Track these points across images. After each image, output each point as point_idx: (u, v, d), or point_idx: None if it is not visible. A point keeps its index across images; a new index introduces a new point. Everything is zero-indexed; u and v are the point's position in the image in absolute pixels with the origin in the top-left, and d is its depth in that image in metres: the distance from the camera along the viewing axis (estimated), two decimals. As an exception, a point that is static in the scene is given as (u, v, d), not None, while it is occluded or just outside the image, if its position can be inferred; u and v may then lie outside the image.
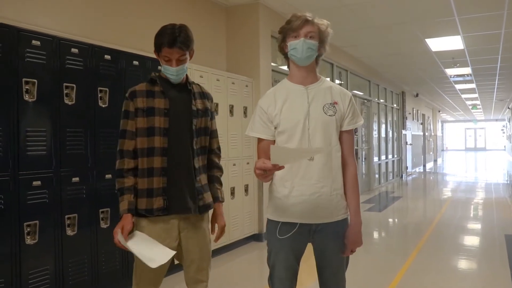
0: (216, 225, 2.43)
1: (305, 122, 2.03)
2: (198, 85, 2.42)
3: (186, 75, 2.36)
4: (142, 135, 2.21)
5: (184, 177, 2.24)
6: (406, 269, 4.61)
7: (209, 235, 2.39)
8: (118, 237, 2.13)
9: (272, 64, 6.28)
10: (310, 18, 2.04)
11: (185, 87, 2.33)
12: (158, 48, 2.23)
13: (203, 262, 2.34)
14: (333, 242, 2.08)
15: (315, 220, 2.04)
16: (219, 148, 2.48)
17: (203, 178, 2.33)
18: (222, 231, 2.43)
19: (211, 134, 2.41)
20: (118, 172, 2.22)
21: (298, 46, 2.03)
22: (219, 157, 2.48)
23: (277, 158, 1.73)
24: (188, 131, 2.27)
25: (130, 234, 2.18)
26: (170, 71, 2.23)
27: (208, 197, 2.34)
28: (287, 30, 2.06)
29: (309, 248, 2.14)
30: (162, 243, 2.20)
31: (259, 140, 2.12)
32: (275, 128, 2.08)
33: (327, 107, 2.06)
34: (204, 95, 2.40)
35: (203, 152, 2.35)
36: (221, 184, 2.47)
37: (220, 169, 2.47)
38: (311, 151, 2.02)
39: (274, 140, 2.09)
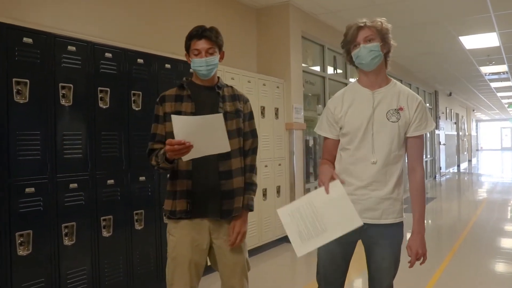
0: (234, 230, 2.27)
1: (368, 126, 2.06)
2: (231, 87, 2.40)
3: (218, 77, 2.36)
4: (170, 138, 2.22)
5: (209, 181, 2.22)
6: (441, 272, 4.50)
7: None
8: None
9: (303, 64, 6.25)
10: (362, 24, 2.05)
11: (214, 90, 2.31)
12: (188, 43, 2.27)
13: (237, 267, 2.31)
14: (378, 242, 2.12)
15: (362, 219, 2.03)
16: (253, 150, 2.40)
17: (236, 182, 2.27)
18: (238, 236, 2.27)
19: (244, 135, 2.35)
20: (150, 161, 2.24)
21: (360, 53, 2.05)
22: (252, 159, 2.39)
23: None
24: None
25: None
26: (199, 63, 2.21)
27: (236, 202, 2.27)
28: (347, 44, 2.10)
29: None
30: (194, 243, 2.22)
31: (325, 138, 2.22)
32: (340, 129, 2.14)
33: (391, 113, 2.06)
34: (236, 97, 2.36)
35: (236, 154, 2.28)
36: (252, 190, 2.37)
37: (251, 171, 2.37)
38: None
39: (339, 140, 2.16)
